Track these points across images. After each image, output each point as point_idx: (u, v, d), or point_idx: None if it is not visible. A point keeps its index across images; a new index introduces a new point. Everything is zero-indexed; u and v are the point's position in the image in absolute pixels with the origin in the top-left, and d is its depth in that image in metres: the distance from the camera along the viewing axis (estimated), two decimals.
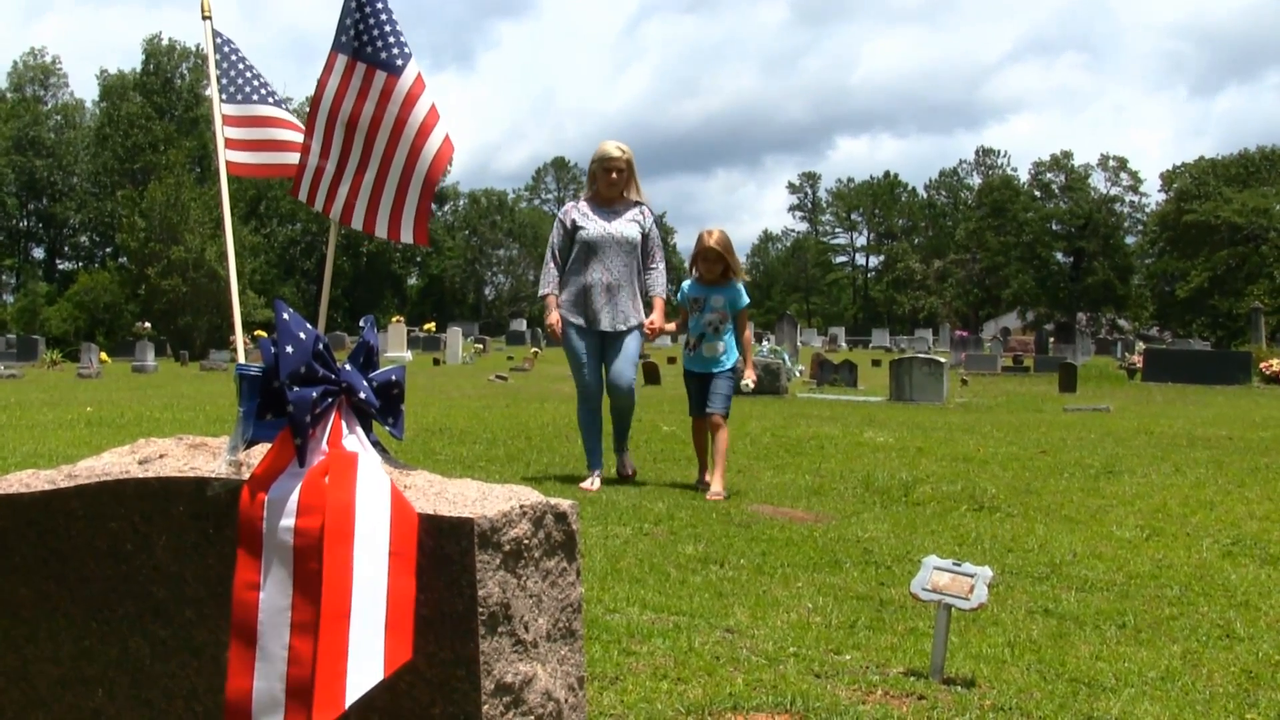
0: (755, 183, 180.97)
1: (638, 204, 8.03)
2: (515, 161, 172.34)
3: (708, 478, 7.72)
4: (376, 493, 2.00)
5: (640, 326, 7.95)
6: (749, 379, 7.82)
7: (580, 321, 7.90)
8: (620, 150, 7.93)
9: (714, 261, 7.74)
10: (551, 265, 8.05)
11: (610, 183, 7.92)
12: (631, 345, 7.94)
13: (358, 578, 1.94)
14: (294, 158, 5.60)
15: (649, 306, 8.13)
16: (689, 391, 7.97)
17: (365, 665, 1.91)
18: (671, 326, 8.45)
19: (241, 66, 6.35)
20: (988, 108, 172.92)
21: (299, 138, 5.93)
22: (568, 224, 7.98)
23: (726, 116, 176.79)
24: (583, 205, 8.07)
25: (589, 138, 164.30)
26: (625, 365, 7.95)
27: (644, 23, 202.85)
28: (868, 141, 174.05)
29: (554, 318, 7.96)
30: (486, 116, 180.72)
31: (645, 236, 7.98)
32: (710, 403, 7.74)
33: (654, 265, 8.04)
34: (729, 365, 7.76)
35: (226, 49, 6.33)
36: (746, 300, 7.92)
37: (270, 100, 6.37)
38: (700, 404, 7.82)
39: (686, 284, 7.97)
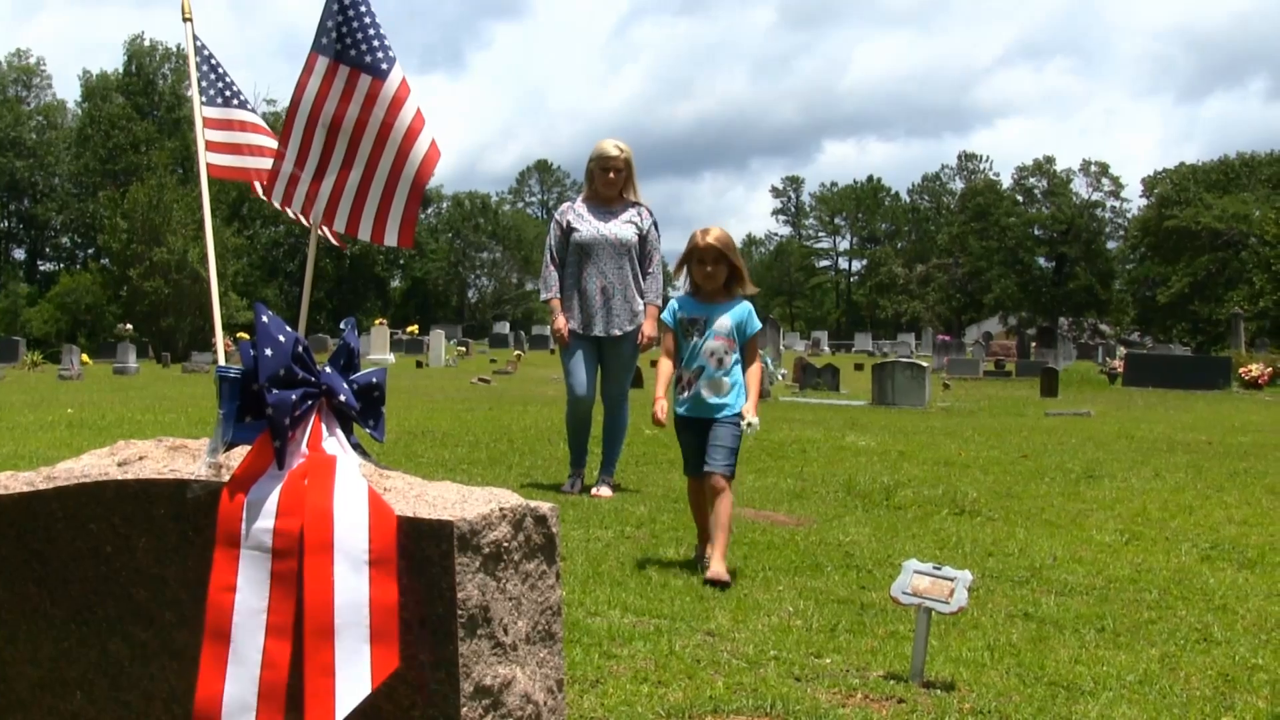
0: (743, 185, 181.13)
1: (636, 205, 7.81)
2: (504, 163, 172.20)
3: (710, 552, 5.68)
4: (354, 498, 2.00)
5: (637, 332, 7.76)
6: (750, 417, 5.63)
7: (576, 325, 7.73)
8: (618, 149, 7.71)
9: (714, 265, 5.70)
10: (551, 268, 7.85)
11: (608, 182, 7.71)
12: (627, 355, 7.81)
13: (339, 591, 1.94)
14: (270, 163, 5.59)
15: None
16: (684, 445, 5.89)
17: (354, 679, 1.92)
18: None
19: (221, 71, 6.35)
20: (976, 112, 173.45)
21: (273, 144, 5.95)
22: (564, 225, 7.80)
23: (715, 119, 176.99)
24: (579, 206, 7.88)
25: (578, 140, 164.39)
26: (619, 376, 7.87)
27: (634, 25, 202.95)
28: (855, 145, 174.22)
29: (561, 322, 7.74)
30: (476, 118, 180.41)
31: (643, 238, 7.77)
32: (711, 457, 5.62)
33: (650, 270, 7.80)
34: (737, 409, 5.71)
35: (205, 52, 6.32)
36: (758, 325, 5.89)
37: (247, 106, 6.39)
38: (698, 459, 5.70)
39: (675, 301, 5.93)
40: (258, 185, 6.42)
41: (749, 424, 5.60)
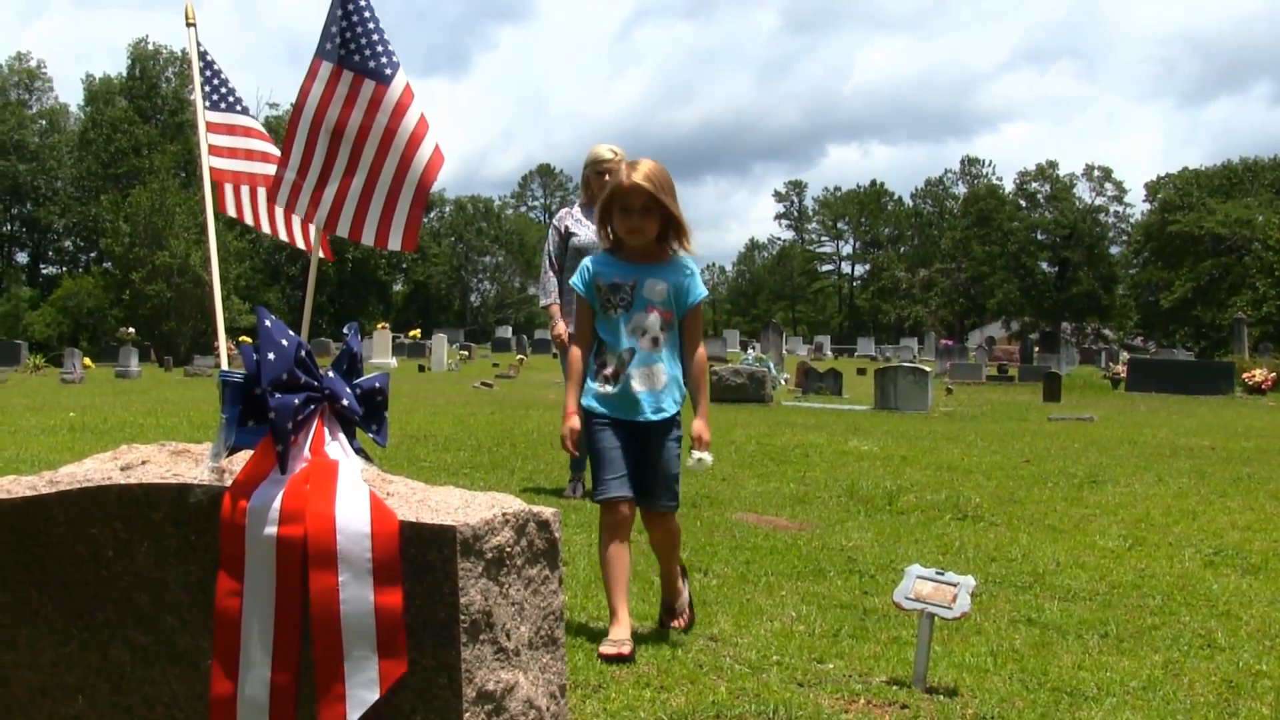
0: (746, 189, 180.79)
1: None
2: (506, 167, 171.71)
3: (620, 633, 3.99)
4: (356, 503, 2.00)
5: None
6: (701, 452, 4.21)
7: (575, 330, 7.74)
8: (612, 152, 7.72)
9: (643, 216, 4.18)
10: (550, 274, 7.89)
11: (603, 185, 7.73)
12: None
13: (345, 599, 1.94)
14: (273, 169, 5.60)
15: None
16: (598, 453, 4.24)
17: (363, 685, 1.93)
18: None
19: (224, 76, 6.38)
20: (979, 116, 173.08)
21: (275, 150, 5.97)
22: (562, 230, 7.86)
23: (717, 123, 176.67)
24: (576, 211, 7.94)
25: (581, 143, 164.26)
26: None
27: (637, 28, 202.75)
28: (858, 149, 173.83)
29: (561, 328, 7.72)
30: (478, 121, 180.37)
31: None
32: (655, 489, 4.24)
33: None
34: (675, 410, 4.28)
35: (208, 58, 6.34)
36: (703, 291, 4.36)
37: (249, 113, 6.42)
38: (624, 479, 4.19)
39: (590, 261, 4.40)
40: (228, 202, 6.44)
41: (698, 459, 4.20)
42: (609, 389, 4.23)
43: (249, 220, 6.45)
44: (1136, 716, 3.58)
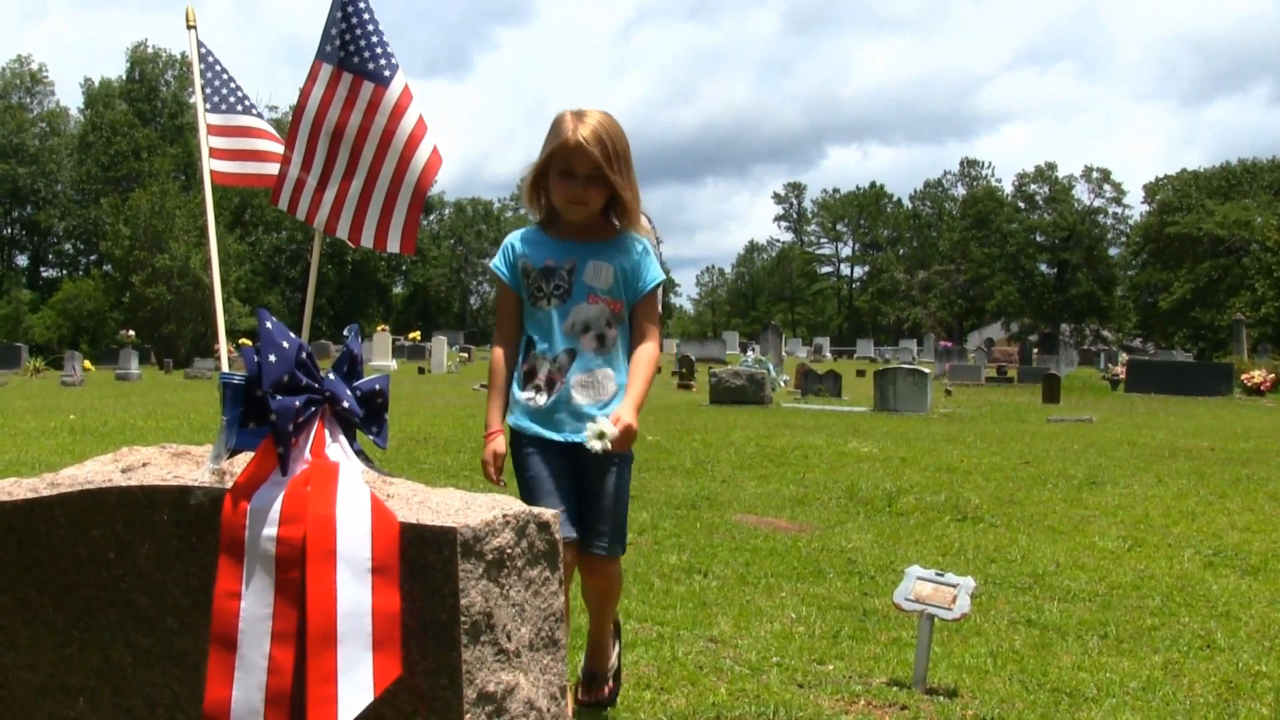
0: (747, 191, 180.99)
1: None
2: (506, 169, 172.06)
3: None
4: (357, 504, 2.00)
5: None
6: (605, 424, 3.10)
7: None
8: None
9: (588, 185, 3.29)
10: None
11: None
12: None
13: (342, 598, 1.94)
14: (276, 168, 5.61)
15: None
16: (528, 484, 3.35)
17: (356, 687, 1.92)
18: None
19: (226, 77, 6.36)
20: (979, 117, 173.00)
21: (280, 149, 5.96)
22: None
23: (718, 125, 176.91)
24: None
25: None
26: None
27: (638, 30, 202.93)
28: (858, 151, 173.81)
29: None
30: (479, 122, 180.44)
31: None
32: (599, 526, 3.39)
33: None
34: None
35: (210, 59, 6.33)
36: (658, 273, 3.48)
37: (253, 111, 6.40)
38: (567, 517, 3.28)
39: (516, 238, 3.52)
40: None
41: (600, 435, 3.11)
42: (541, 401, 3.35)
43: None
44: (1136, 717, 3.58)
